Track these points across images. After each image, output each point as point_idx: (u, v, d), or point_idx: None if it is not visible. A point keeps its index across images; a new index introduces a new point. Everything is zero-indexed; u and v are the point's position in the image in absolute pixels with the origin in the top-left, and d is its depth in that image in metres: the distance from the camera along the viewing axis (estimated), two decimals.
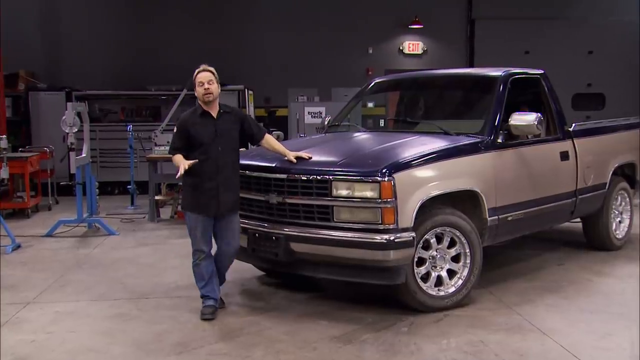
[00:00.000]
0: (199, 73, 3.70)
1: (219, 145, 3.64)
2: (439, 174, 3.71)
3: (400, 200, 3.44)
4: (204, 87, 3.65)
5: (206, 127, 3.66)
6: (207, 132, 3.64)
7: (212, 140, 3.63)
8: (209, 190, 3.63)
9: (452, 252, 3.81)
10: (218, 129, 3.67)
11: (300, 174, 3.68)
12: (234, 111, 3.83)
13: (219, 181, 3.63)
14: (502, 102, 4.29)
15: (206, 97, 3.65)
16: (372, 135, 4.84)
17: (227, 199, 3.67)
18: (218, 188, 3.63)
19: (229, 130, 3.71)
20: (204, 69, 3.72)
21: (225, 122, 3.71)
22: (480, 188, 3.88)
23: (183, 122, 3.70)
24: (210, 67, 3.74)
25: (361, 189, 3.46)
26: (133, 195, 8.19)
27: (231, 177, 3.68)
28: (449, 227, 3.74)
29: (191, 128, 3.65)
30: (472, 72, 5.64)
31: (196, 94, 3.71)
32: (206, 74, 3.69)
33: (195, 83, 3.69)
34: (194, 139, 3.64)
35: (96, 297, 4.23)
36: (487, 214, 3.94)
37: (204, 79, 3.67)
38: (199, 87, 3.67)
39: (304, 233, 3.64)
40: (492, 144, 4.08)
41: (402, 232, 3.44)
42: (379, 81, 5.50)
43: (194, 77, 3.70)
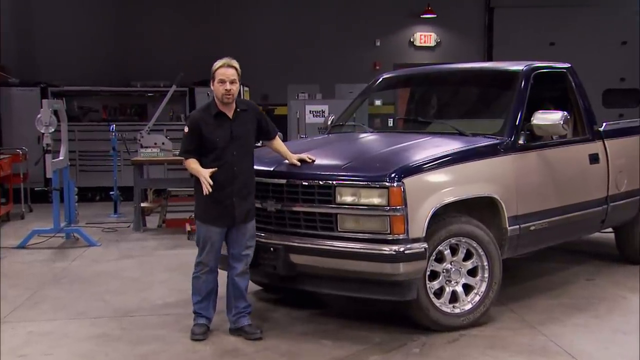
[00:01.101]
0: (221, 68, 3.58)
1: (234, 150, 3.60)
2: (453, 179, 3.73)
3: (411, 208, 3.46)
4: (226, 86, 3.55)
5: (221, 128, 3.60)
6: (222, 135, 3.59)
7: (227, 144, 3.59)
8: (223, 200, 3.60)
9: (469, 265, 3.83)
10: (234, 131, 3.62)
11: (301, 178, 3.71)
12: (250, 108, 3.76)
13: (234, 190, 3.61)
14: (524, 99, 4.32)
15: (226, 98, 3.58)
16: (380, 137, 4.87)
17: (243, 209, 3.64)
18: (233, 197, 3.61)
19: (245, 132, 3.67)
20: (228, 63, 3.60)
21: (242, 123, 3.68)
22: (500, 194, 3.90)
23: (195, 122, 3.64)
24: (234, 61, 3.64)
25: (368, 196, 3.49)
26: (116, 202, 8.24)
27: (247, 184, 3.67)
28: (464, 237, 3.76)
29: (204, 129, 3.60)
30: (490, 66, 5.68)
31: (213, 89, 3.63)
32: (230, 71, 3.58)
33: (214, 77, 3.60)
34: (206, 142, 3.58)
35: (75, 315, 4.25)
36: (507, 223, 3.96)
37: (227, 76, 3.56)
38: (219, 85, 3.56)
39: (305, 244, 3.66)
40: (513, 146, 4.11)
41: (412, 243, 3.46)
42: (388, 77, 5.53)
43: (213, 70, 3.61)
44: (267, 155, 4.00)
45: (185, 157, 3.66)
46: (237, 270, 3.71)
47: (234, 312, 3.76)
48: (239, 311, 3.75)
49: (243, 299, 3.75)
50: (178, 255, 5.98)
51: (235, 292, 3.74)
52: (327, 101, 9.62)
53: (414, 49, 12.16)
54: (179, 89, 8.96)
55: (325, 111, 9.14)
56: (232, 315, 3.76)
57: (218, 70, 3.62)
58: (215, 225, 3.66)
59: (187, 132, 3.65)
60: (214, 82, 3.62)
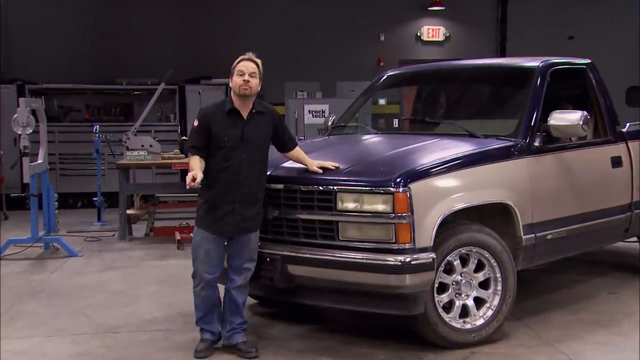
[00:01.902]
0: (242, 61, 3.66)
1: (243, 153, 3.60)
2: (463, 184, 3.75)
3: (418, 215, 3.48)
4: (244, 78, 3.60)
5: (232, 127, 3.62)
6: (232, 135, 3.60)
7: (237, 145, 3.60)
8: (223, 205, 3.62)
9: (480, 277, 3.84)
10: (246, 132, 3.63)
11: (299, 183, 3.73)
12: (268, 111, 3.76)
13: (237, 196, 3.61)
14: (540, 98, 4.34)
15: (243, 89, 3.61)
16: (384, 138, 4.89)
17: (245, 219, 3.65)
18: (235, 204, 3.62)
19: (258, 137, 3.68)
20: (250, 58, 3.68)
21: (256, 126, 3.69)
22: (514, 200, 3.92)
23: (205, 116, 3.66)
24: (257, 58, 3.71)
25: (371, 202, 3.50)
26: (100, 209, 8.25)
27: (253, 192, 3.66)
28: (476, 246, 3.77)
29: (213, 125, 3.63)
30: (503, 62, 5.70)
31: (231, 83, 3.67)
32: (250, 65, 3.65)
33: (233, 71, 3.65)
34: (214, 140, 3.60)
35: (54, 332, 4.25)
36: (521, 231, 3.97)
37: (246, 68, 3.63)
38: (237, 77, 3.61)
39: (304, 254, 3.67)
40: (528, 148, 4.13)
41: (419, 253, 3.47)
42: (393, 74, 5.55)
43: (234, 64, 3.67)
44: None
45: (191, 152, 3.66)
46: (236, 283, 3.72)
47: (229, 327, 3.76)
48: (234, 327, 3.76)
49: (239, 314, 3.76)
50: (167, 267, 5.99)
51: (232, 306, 3.74)
52: (328, 100, 9.67)
53: (421, 44, 12.19)
54: (168, 86, 9.00)
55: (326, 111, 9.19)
56: (227, 330, 3.77)
57: (238, 63, 3.68)
58: (210, 232, 3.67)
59: (196, 126, 3.67)
60: (232, 77, 3.67)
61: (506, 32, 12.20)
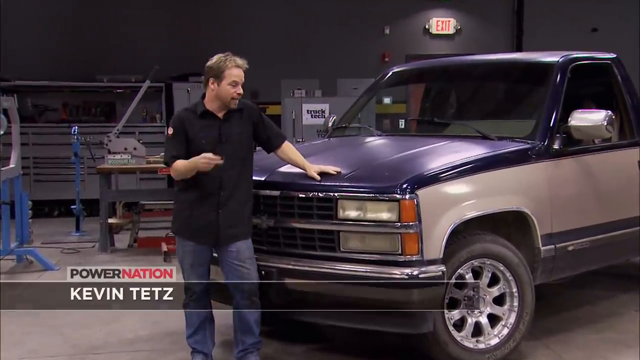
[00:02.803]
0: (236, 68, 3.65)
1: (222, 154, 3.62)
2: (476, 191, 3.76)
3: (426, 224, 3.48)
4: (239, 90, 3.65)
5: (208, 129, 3.66)
6: (209, 137, 3.64)
7: (215, 147, 3.63)
8: (206, 211, 3.64)
9: (495, 292, 3.85)
10: (223, 132, 3.68)
11: (297, 190, 3.74)
12: (246, 108, 3.79)
13: (221, 201, 3.64)
14: (560, 96, 4.35)
15: (234, 103, 3.66)
16: (390, 141, 4.91)
17: (231, 225, 3.66)
18: (218, 209, 3.64)
19: (238, 135, 3.71)
20: (242, 65, 3.68)
21: (234, 124, 3.72)
22: (531, 208, 3.93)
23: (180, 121, 3.69)
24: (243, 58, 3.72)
25: (375, 210, 3.51)
26: (78, 218, 8.26)
27: (238, 196, 3.69)
28: (489, 259, 3.78)
29: (189, 129, 3.66)
30: (519, 57, 5.71)
31: (218, 89, 3.66)
32: (242, 73, 3.67)
33: (223, 76, 3.63)
34: (191, 145, 3.63)
35: (27, 353, 4.25)
36: (539, 242, 3.98)
37: (241, 79, 3.66)
38: (229, 86, 3.63)
39: (302, 266, 3.69)
40: (547, 151, 4.15)
41: (428, 266, 3.48)
42: (399, 70, 5.58)
43: (224, 67, 3.63)
44: (258, 161, 4.02)
45: (172, 162, 3.65)
46: (243, 303, 3.73)
47: (240, 347, 3.78)
48: (246, 347, 3.77)
49: (251, 333, 3.76)
50: None
51: (242, 325, 3.75)
52: (328, 99, 9.69)
53: (430, 38, 12.23)
54: (154, 84, 9.02)
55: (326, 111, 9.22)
56: (238, 351, 3.78)
57: (231, 70, 3.65)
58: (192, 241, 3.69)
59: (172, 133, 3.69)
60: (220, 81, 3.65)
61: (522, 24, 12.22)
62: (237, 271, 3.70)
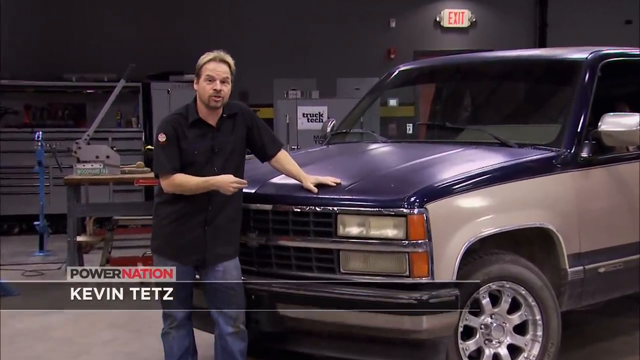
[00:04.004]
0: (211, 62, 3.65)
1: (215, 166, 3.65)
2: (494, 204, 3.77)
3: (437, 242, 3.49)
4: (215, 86, 3.62)
5: (201, 138, 3.67)
6: (201, 148, 3.66)
7: (207, 159, 3.64)
8: (192, 228, 3.65)
9: (516, 320, 3.84)
10: (217, 143, 3.69)
11: (291, 203, 3.74)
12: (241, 112, 3.81)
13: (209, 216, 3.66)
14: (589, 98, 4.37)
15: (214, 100, 3.64)
16: (396, 148, 4.93)
17: (220, 243, 3.68)
18: (205, 226, 3.66)
19: (232, 143, 3.73)
20: (220, 57, 3.67)
21: (228, 132, 3.73)
22: (556, 225, 3.93)
23: (171, 127, 3.67)
24: (228, 56, 3.70)
25: (380, 226, 3.52)
26: (43, 235, 8.24)
27: (228, 211, 3.70)
28: (509, 281, 3.78)
29: (181, 138, 3.65)
30: (543, 54, 5.75)
31: (197, 89, 3.68)
32: (222, 67, 3.65)
33: (199, 73, 3.66)
34: (183, 155, 3.64)
35: None
36: (566, 262, 3.99)
37: (218, 73, 3.63)
38: (206, 83, 3.63)
39: (296, 290, 3.68)
40: (574, 160, 4.16)
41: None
42: (406, 69, 5.61)
43: (200, 64, 3.67)
44: (248, 172, 4.02)
45: (172, 173, 3.63)
46: (226, 328, 3.72)
47: None
48: None
49: None
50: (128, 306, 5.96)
51: (225, 356, 3.75)
52: (326, 101, 9.71)
53: (441, 32, 12.29)
54: (130, 84, 9.02)
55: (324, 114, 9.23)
56: None
57: (206, 64, 3.67)
58: (175, 261, 3.69)
59: (165, 140, 3.65)
60: (199, 79, 3.68)
61: (546, 16, 12.28)
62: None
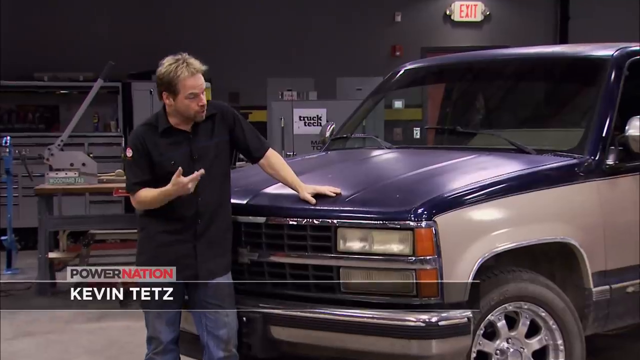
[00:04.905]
0: (190, 79, 3.62)
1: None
2: (510, 217, 3.78)
3: (447, 259, 3.49)
4: (201, 101, 3.64)
5: (176, 146, 3.68)
6: (178, 157, 3.65)
7: (188, 167, 3.61)
8: (179, 244, 3.66)
9: (535, 344, 3.84)
10: (196, 149, 3.70)
11: (286, 216, 3.74)
12: (220, 112, 3.81)
13: (198, 231, 3.68)
14: (615, 99, 4.37)
15: (200, 115, 3.67)
16: (402, 155, 4.93)
17: (212, 258, 3.69)
18: (195, 242, 3.67)
19: (214, 148, 3.73)
20: (196, 69, 3.65)
21: (206, 135, 3.73)
22: (579, 239, 3.93)
23: (139, 139, 3.68)
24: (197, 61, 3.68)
25: (384, 241, 3.52)
26: (10, 251, 8.22)
27: (218, 222, 3.72)
28: (527, 302, 3.77)
29: (152, 149, 3.66)
30: (564, 51, 5.75)
31: (174, 104, 3.65)
32: (201, 79, 3.66)
33: (175, 89, 3.62)
34: (158, 167, 3.65)
35: None
36: (590, 281, 3.99)
37: (199, 88, 3.63)
38: (190, 100, 3.62)
39: (292, 312, 3.68)
40: (598, 168, 4.17)
41: (450, 310, 3.47)
42: (413, 67, 5.62)
43: (174, 78, 3.60)
44: (238, 180, 4.04)
45: (135, 190, 3.66)
46: (217, 354, 3.72)
47: None
48: None
49: None
50: (105, 331, 5.97)
51: None
52: (325, 102, 9.72)
53: (451, 26, 12.32)
54: (108, 83, 9.04)
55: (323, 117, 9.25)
56: None
57: (184, 82, 3.62)
58: None
59: (131, 156, 3.68)
60: (176, 95, 3.64)
61: (568, 9, 12.29)
62: (213, 313, 3.70)
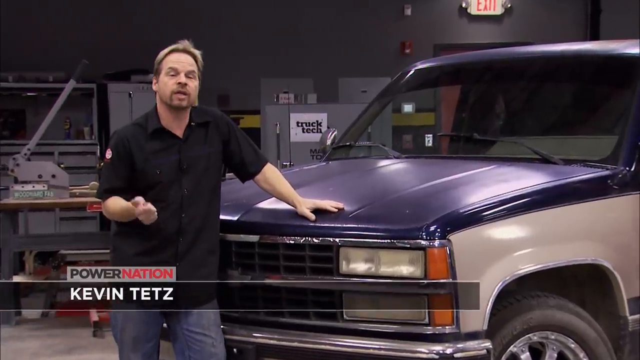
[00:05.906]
0: (173, 53, 3.69)
1: (184, 187, 3.68)
2: (534, 235, 3.78)
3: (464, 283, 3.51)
4: (179, 79, 3.65)
5: (164, 154, 3.69)
6: (166, 165, 3.67)
7: (174, 177, 3.66)
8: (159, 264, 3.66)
9: None
10: (185, 157, 3.72)
11: (282, 234, 3.75)
12: (214, 120, 3.84)
13: (180, 250, 3.68)
14: None
15: (178, 98, 3.65)
16: (412, 165, 4.94)
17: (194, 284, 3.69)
18: (177, 262, 3.67)
19: (205, 159, 3.76)
20: (184, 48, 3.72)
21: (199, 144, 3.75)
22: (613, 261, 3.93)
23: (122, 142, 3.68)
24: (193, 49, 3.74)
25: (392, 262, 3.52)
26: None
27: (203, 242, 3.72)
28: (554, 331, 3.77)
29: (137, 155, 3.66)
30: (594, 48, 5.75)
31: (157, 88, 3.71)
32: (186, 58, 3.69)
33: (159, 69, 3.69)
34: (141, 176, 3.66)
35: None
36: (626, 308, 3.99)
37: (182, 65, 3.66)
38: (168, 78, 3.66)
39: (289, 341, 3.68)
40: (634, 180, 4.17)
41: (467, 341, 3.47)
42: (424, 67, 5.65)
43: (159, 58, 3.70)
44: (228, 194, 4.05)
45: (104, 197, 3.68)
46: None
47: None
48: None
49: None
50: None
51: None
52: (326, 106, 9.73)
53: (468, 20, 12.35)
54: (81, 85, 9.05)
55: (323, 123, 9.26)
56: None
57: (168, 56, 3.69)
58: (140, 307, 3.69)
59: (111, 158, 3.69)
60: (158, 76, 3.70)
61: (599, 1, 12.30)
62: (198, 342, 3.70)
